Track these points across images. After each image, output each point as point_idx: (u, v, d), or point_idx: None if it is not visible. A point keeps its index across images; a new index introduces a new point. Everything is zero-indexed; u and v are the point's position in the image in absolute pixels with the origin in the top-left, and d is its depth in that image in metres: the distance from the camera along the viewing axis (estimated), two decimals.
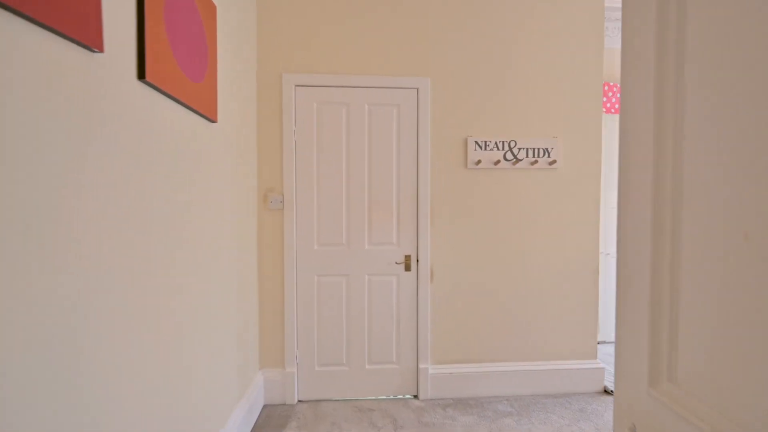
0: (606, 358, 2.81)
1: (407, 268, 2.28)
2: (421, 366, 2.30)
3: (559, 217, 2.40)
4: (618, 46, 3.12)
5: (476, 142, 2.33)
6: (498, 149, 2.34)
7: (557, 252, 2.41)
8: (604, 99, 3.19)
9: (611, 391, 2.37)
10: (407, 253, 2.29)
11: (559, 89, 2.39)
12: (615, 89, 3.22)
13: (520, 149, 2.35)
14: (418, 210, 2.29)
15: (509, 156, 2.34)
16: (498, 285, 2.36)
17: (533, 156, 2.36)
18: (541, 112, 2.39)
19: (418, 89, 2.30)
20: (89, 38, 0.80)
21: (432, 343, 2.33)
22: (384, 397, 2.32)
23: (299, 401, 2.27)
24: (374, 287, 2.28)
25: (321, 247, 2.25)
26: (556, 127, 2.40)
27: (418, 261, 2.29)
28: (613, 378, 2.47)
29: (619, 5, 2.99)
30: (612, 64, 3.14)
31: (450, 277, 2.33)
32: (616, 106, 3.22)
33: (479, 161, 2.29)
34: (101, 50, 0.85)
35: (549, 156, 2.37)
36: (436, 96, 2.31)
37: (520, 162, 2.35)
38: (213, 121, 1.49)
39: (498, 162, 2.30)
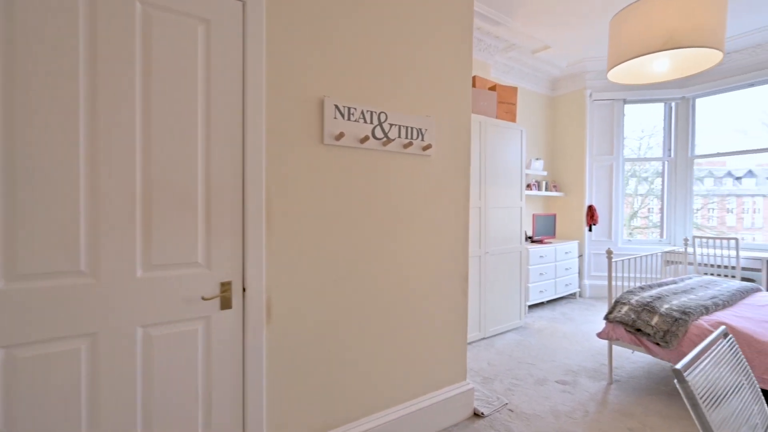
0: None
1: (225, 304, 1.34)
2: None
3: (432, 217, 1.94)
4: None
5: (337, 108, 1.58)
6: (366, 121, 1.67)
7: (430, 260, 1.94)
8: None
9: (481, 413, 2.09)
10: (225, 279, 1.34)
11: (433, 62, 1.91)
12: None
13: (391, 126, 1.75)
14: (244, 207, 1.38)
15: (379, 133, 1.71)
16: (364, 311, 1.71)
17: (407, 136, 1.80)
18: (415, 82, 1.85)
19: (244, 1, 1.37)
20: None
21: (268, 418, 1.46)
22: None
23: None
24: (157, 350, 1.23)
25: (13, 285, 1.04)
26: (430, 106, 1.92)
27: (245, 290, 1.38)
28: (479, 396, 2.21)
29: None
30: None
31: (297, 309, 1.52)
32: None
33: (341, 135, 1.56)
34: None
35: (423, 139, 1.87)
36: (277, 22, 1.44)
37: (392, 143, 1.75)
38: None
39: (366, 139, 1.63)
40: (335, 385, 1.62)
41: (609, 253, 2.54)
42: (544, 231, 4.51)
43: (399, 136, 1.77)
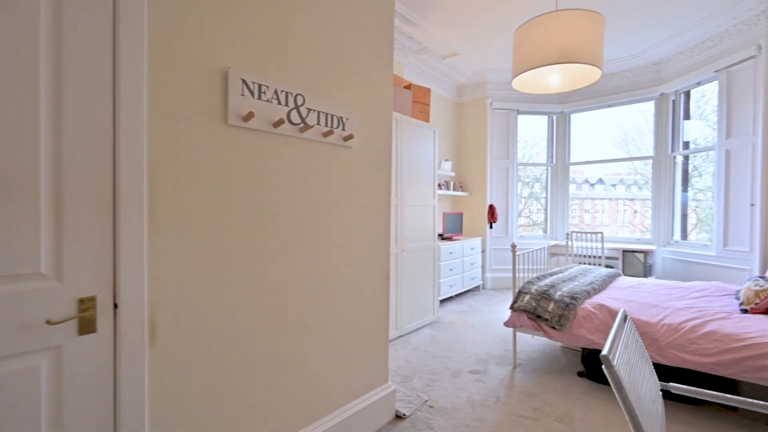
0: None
1: (86, 327, 1.00)
2: None
3: (353, 213, 1.81)
4: None
5: (245, 83, 1.34)
6: (280, 103, 1.46)
7: (351, 260, 1.81)
8: None
9: (403, 414, 2.03)
10: (86, 294, 1.00)
11: (354, 47, 1.78)
12: None
13: (310, 111, 1.57)
14: (116, 197, 1.05)
15: (295, 117, 1.51)
16: (277, 319, 1.49)
17: (326, 124, 1.64)
18: (335, 66, 1.70)
19: None
20: None
21: None
22: None
23: None
24: None
25: None
26: (351, 93, 1.79)
27: (116, 307, 1.05)
28: (400, 396, 2.15)
29: None
30: None
31: (194, 324, 1.24)
32: None
33: (250, 115, 1.33)
34: None
35: (344, 128, 1.72)
36: None
37: (311, 130, 1.57)
38: None
39: (280, 123, 1.42)
40: (242, 409, 1.38)
41: (513, 247, 2.74)
42: (453, 228, 4.77)
43: (318, 123, 1.60)
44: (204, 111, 1.25)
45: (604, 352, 0.86)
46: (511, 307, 2.64)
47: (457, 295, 4.75)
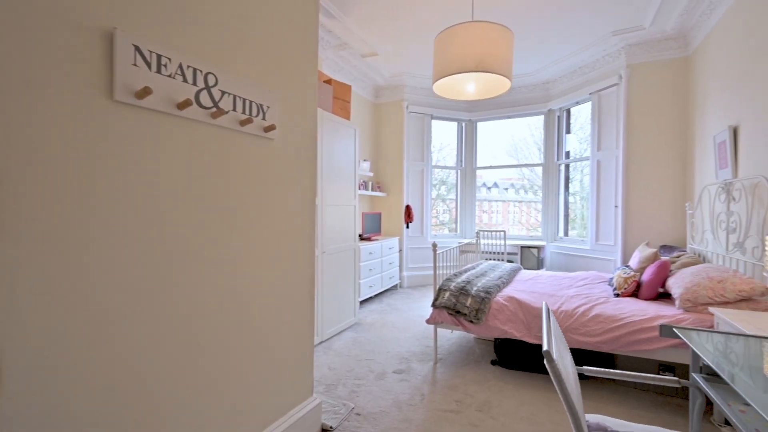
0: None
1: None
2: None
3: (275, 212, 1.63)
4: None
5: (139, 51, 1.08)
6: (187, 80, 1.21)
7: (273, 264, 1.62)
8: None
9: (330, 427, 1.91)
10: None
11: (277, 27, 1.60)
12: None
13: (224, 94, 1.34)
14: None
15: (206, 100, 1.28)
16: (182, 338, 1.24)
17: (244, 111, 1.43)
18: (256, 45, 1.50)
19: None
20: None
21: None
22: None
23: None
24: None
25: None
26: (273, 79, 1.60)
27: None
28: (326, 408, 2.02)
29: None
30: None
31: (60, 365, 0.94)
32: None
33: (146, 92, 1.07)
34: None
35: (264, 118, 1.53)
36: None
37: (225, 116, 1.35)
38: None
39: (186, 104, 1.18)
40: None
41: (434, 246, 2.83)
42: (371, 229, 4.77)
43: (235, 109, 1.39)
44: (79, 80, 0.96)
45: (545, 347, 0.89)
46: (433, 305, 2.72)
47: (377, 295, 4.77)
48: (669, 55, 3.71)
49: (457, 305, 2.60)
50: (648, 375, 1.20)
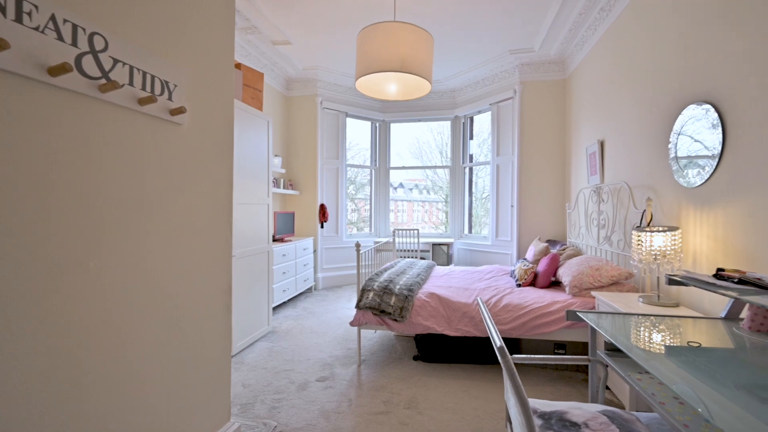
0: None
1: None
2: None
3: (185, 212, 1.37)
4: None
5: None
6: (63, 38, 0.91)
7: (181, 276, 1.36)
8: None
9: None
10: None
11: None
12: None
13: (117, 62, 1.06)
14: None
15: (91, 67, 0.99)
16: (75, 378, 0.94)
17: (144, 87, 1.16)
18: (162, 8, 1.23)
19: None
20: None
21: None
22: None
23: None
24: None
25: None
26: (183, 52, 1.34)
27: None
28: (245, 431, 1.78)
29: None
30: None
31: None
32: None
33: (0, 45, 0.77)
34: None
35: (171, 98, 1.27)
36: None
37: (119, 91, 1.07)
38: None
39: (61, 70, 0.89)
40: None
41: (357, 246, 2.77)
42: (284, 229, 4.49)
43: (132, 84, 1.11)
44: None
45: (499, 344, 0.90)
46: (357, 306, 2.66)
47: (291, 300, 4.51)
48: (552, 76, 4.32)
49: (381, 305, 2.59)
50: (567, 356, 1.34)
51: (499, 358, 0.89)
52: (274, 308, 4.08)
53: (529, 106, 4.40)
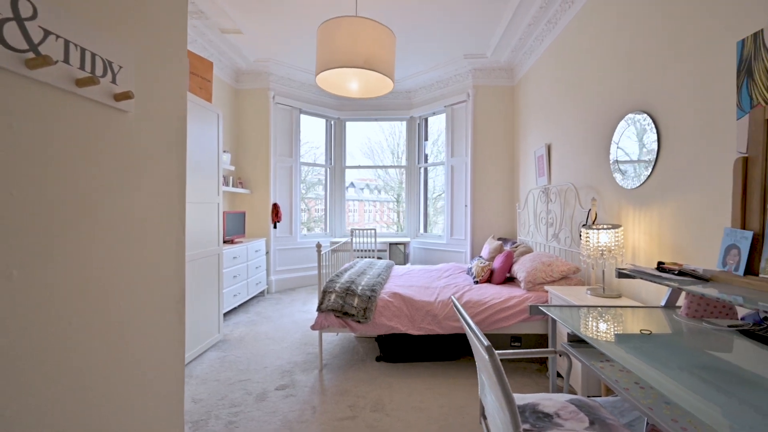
0: None
1: None
2: None
3: (131, 212, 1.20)
4: None
5: None
6: None
7: (127, 285, 1.19)
8: None
9: None
10: None
11: None
12: None
13: (49, 35, 0.89)
14: None
15: (15, 38, 0.81)
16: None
17: (83, 65, 0.99)
18: None
19: None
20: None
21: None
22: None
23: None
24: None
25: None
26: (130, 28, 1.17)
27: None
28: None
29: None
30: None
31: None
32: None
33: None
34: None
35: (115, 80, 1.10)
36: None
37: (51, 68, 0.90)
38: None
39: None
40: None
41: (318, 247, 2.67)
42: (234, 230, 4.23)
43: (68, 61, 0.94)
44: None
45: (486, 343, 0.90)
46: (319, 309, 2.57)
47: (243, 305, 4.26)
48: (501, 82, 4.54)
49: (344, 306, 2.53)
50: (536, 350, 1.40)
51: (486, 357, 0.89)
52: (225, 314, 3.82)
53: (482, 110, 4.59)
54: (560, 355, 1.48)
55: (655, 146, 1.94)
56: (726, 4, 1.54)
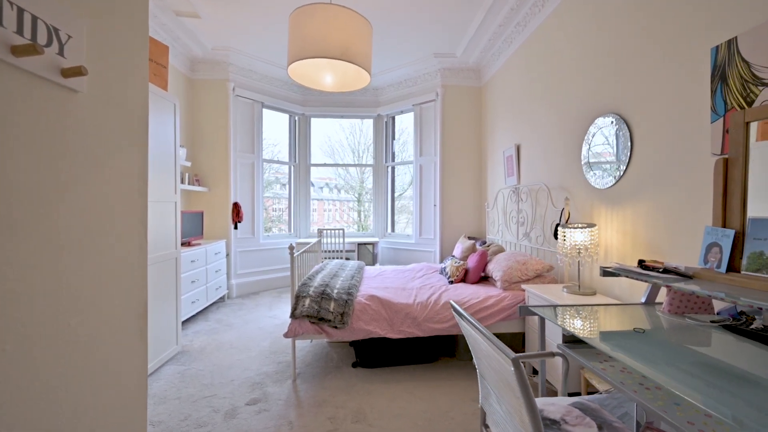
0: None
1: None
2: None
3: (81, 216, 1.00)
4: None
5: None
6: None
7: (78, 295, 0.99)
8: None
9: None
10: None
11: None
12: None
13: None
14: None
15: None
16: None
17: (22, 30, 0.79)
18: None
19: None
20: None
21: None
22: None
23: None
24: None
25: None
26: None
27: None
28: None
29: None
30: None
31: None
32: None
33: None
34: None
35: (63, 52, 0.90)
36: None
37: None
38: None
39: None
40: None
41: (291, 248, 2.51)
42: (191, 231, 3.89)
43: (1, 23, 0.74)
44: None
45: (513, 355, 0.83)
46: (292, 315, 2.40)
47: (202, 312, 3.93)
48: (469, 83, 4.60)
49: (320, 312, 2.39)
50: (534, 354, 1.37)
51: (511, 368, 0.83)
52: (183, 323, 3.49)
53: (450, 110, 4.61)
54: (554, 356, 1.47)
55: (628, 147, 2.01)
56: (701, 11, 1.61)
